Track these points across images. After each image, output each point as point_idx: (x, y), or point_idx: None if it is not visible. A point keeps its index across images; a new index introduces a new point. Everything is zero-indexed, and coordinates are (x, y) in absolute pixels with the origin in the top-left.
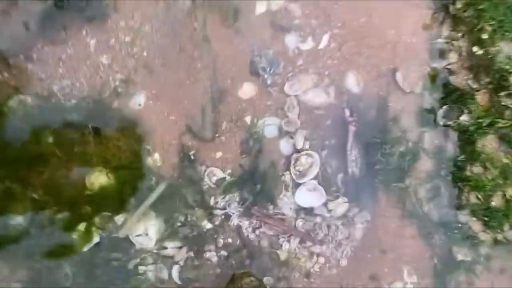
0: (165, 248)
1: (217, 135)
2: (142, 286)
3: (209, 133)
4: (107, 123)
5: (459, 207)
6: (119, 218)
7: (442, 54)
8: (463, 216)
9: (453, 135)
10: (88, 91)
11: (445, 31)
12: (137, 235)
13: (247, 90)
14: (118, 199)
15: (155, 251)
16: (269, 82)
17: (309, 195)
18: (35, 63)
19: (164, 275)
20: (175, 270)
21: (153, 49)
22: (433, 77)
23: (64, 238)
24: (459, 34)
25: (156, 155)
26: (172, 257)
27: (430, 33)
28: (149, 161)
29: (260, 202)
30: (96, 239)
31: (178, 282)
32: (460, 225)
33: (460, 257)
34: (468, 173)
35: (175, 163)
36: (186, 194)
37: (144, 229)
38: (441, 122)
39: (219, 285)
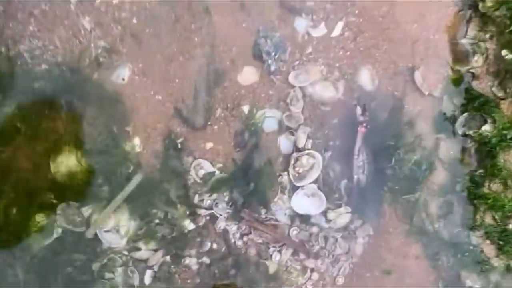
0: (138, 249)
1: (209, 123)
2: None
3: (200, 119)
4: (83, 97)
5: (472, 228)
6: (86, 210)
7: (466, 56)
8: (476, 238)
9: (472, 146)
10: (64, 57)
11: (472, 30)
12: (106, 231)
13: (248, 75)
14: (88, 187)
15: (125, 252)
16: (272, 68)
17: (307, 201)
18: (0, 15)
19: (135, 281)
20: (147, 276)
21: (144, 16)
22: (454, 80)
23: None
24: (487, 35)
25: (137, 140)
26: (145, 260)
27: (454, 32)
28: (128, 146)
29: (251, 205)
30: (56, 233)
31: None
32: (471, 247)
33: (468, 283)
34: (485, 190)
35: (158, 151)
36: (168, 188)
37: (114, 225)
38: (460, 131)
39: None
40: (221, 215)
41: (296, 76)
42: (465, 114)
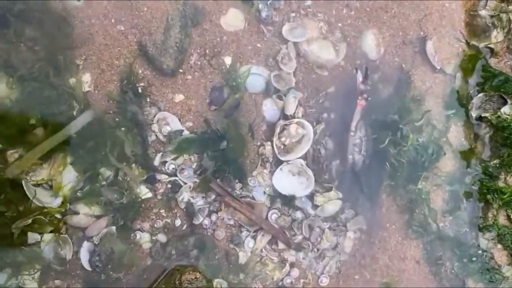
0: (76, 213)
1: (181, 70)
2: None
3: (170, 63)
4: (23, 12)
5: (482, 228)
6: (11, 155)
7: (484, 30)
8: (485, 241)
9: (487, 132)
10: None
11: (493, 1)
12: (35, 184)
13: (233, 19)
14: (17, 124)
15: (58, 215)
16: (264, 15)
17: (291, 180)
18: None
19: (67, 253)
20: (85, 249)
21: None
22: (470, 56)
23: None
24: (511, 7)
25: (87, 76)
26: (83, 229)
27: (473, 1)
28: (75, 81)
29: (224, 176)
30: None
31: (87, 266)
32: (480, 251)
33: None
34: (501, 183)
35: (113, 93)
36: (122, 139)
37: (47, 177)
38: (474, 113)
39: (145, 281)
40: (185, 183)
41: (290, 29)
42: (481, 94)
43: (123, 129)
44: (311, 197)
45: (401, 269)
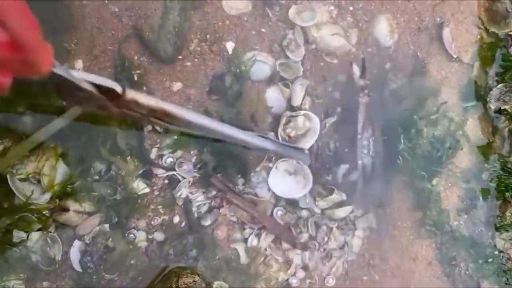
0: (66, 210)
1: (180, 56)
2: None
3: (168, 48)
4: None
5: (499, 227)
6: None
7: (504, 16)
8: (502, 241)
9: (507, 126)
10: None
11: None
12: (22, 179)
13: (236, 1)
14: (3, 111)
15: (47, 212)
16: None
17: (288, 180)
18: None
19: (56, 252)
20: (75, 248)
21: None
22: (489, 45)
23: None
24: None
25: (79, 63)
26: (74, 227)
27: None
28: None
29: (226, 171)
30: None
31: (78, 267)
32: (496, 252)
33: None
34: None
35: None
36: (116, 131)
37: (35, 171)
38: (493, 105)
39: (140, 283)
40: (184, 178)
41: (298, 12)
42: (500, 85)
43: (116, 120)
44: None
45: (412, 269)
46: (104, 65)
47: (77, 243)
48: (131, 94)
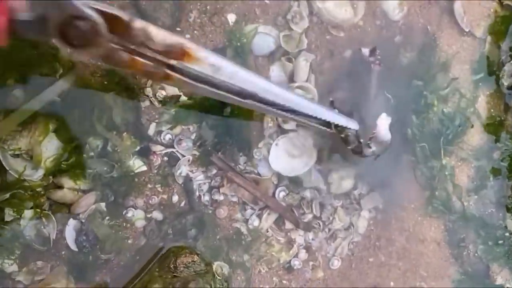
0: (60, 187)
1: (178, 28)
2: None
3: (167, 19)
4: None
5: (510, 208)
6: None
7: None
8: None
9: None
10: None
11: None
12: (14, 155)
13: None
14: None
15: (40, 190)
16: None
17: (288, 157)
18: None
19: (51, 231)
20: (70, 227)
21: None
22: (503, 18)
23: None
24: None
25: None
26: (69, 205)
27: None
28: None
29: (227, 148)
30: None
31: (73, 247)
32: (507, 234)
33: (499, 280)
34: None
35: None
36: (111, 106)
37: (27, 147)
38: (506, 81)
39: (138, 263)
40: (184, 156)
41: None
42: None
43: (111, 93)
44: (322, 172)
45: (420, 251)
46: None
47: (72, 222)
48: (141, 23)
